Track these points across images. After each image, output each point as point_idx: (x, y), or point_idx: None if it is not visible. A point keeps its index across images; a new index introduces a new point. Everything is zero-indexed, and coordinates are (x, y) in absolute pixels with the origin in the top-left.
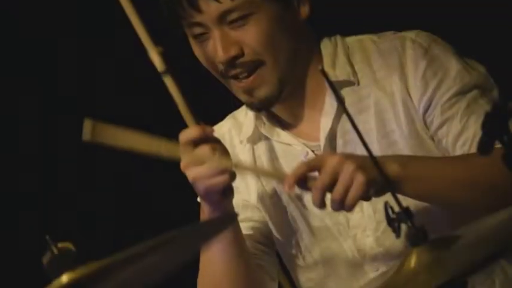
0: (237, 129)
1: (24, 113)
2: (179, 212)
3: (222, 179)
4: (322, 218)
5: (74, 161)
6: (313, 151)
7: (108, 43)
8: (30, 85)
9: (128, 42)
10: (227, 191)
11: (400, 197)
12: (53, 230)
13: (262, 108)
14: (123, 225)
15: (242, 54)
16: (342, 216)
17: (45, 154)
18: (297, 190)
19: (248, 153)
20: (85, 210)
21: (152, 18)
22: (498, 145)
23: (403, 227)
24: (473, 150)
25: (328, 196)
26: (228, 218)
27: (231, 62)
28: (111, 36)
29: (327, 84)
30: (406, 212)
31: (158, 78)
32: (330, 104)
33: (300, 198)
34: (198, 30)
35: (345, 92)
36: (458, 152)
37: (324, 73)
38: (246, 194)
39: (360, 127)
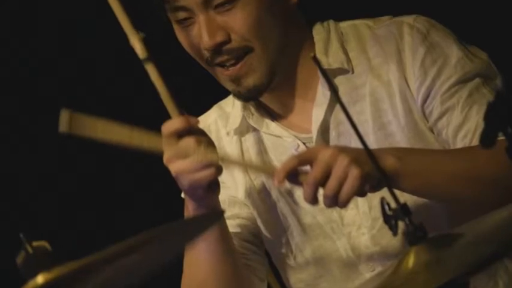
0: (223, 120)
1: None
2: (161, 208)
3: (207, 173)
4: (314, 214)
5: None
6: (304, 144)
7: (89, 30)
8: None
9: (109, 30)
10: (213, 186)
11: (397, 192)
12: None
13: (250, 97)
14: (106, 223)
15: (229, 40)
16: (335, 213)
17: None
18: (287, 185)
19: (235, 146)
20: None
21: (134, 3)
22: (501, 137)
23: (401, 224)
24: (475, 142)
25: (321, 192)
26: (214, 215)
27: (217, 49)
28: (93, 25)
29: (319, 73)
30: (403, 208)
31: (140, 66)
32: (322, 93)
33: (290, 194)
34: (182, 14)
35: (339, 81)
36: (459, 144)
37: (316, 60)
38: (233, 189)
39: (355, 118)
